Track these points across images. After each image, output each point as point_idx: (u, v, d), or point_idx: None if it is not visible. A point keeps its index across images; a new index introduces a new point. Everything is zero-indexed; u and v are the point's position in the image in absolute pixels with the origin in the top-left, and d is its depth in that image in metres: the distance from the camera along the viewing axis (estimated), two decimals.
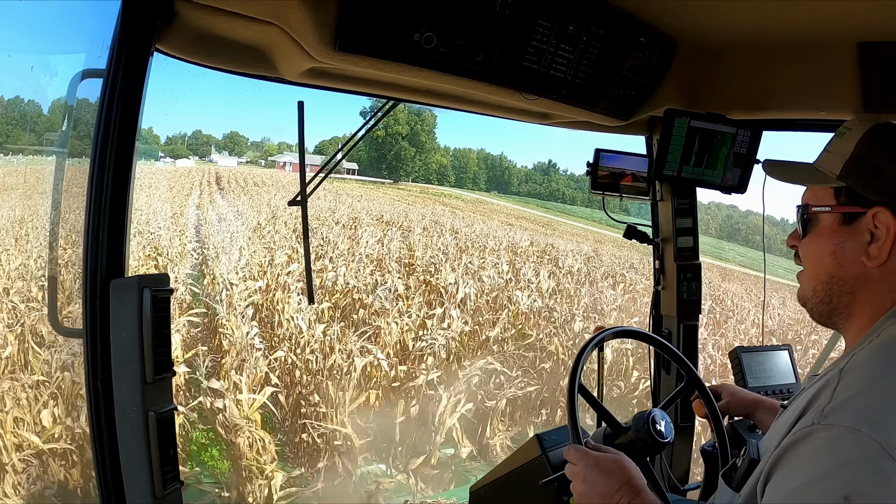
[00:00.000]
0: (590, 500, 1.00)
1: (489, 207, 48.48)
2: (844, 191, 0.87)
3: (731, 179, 1.89)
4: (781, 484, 0.73)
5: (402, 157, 62.54)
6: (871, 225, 0.83)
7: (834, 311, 0.90)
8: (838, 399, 0.73)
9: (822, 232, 0.90)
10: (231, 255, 11.39)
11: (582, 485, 1.02)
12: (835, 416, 0.71)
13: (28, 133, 15.90)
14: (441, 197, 51.41)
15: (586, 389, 1.29)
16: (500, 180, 73.78)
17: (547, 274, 13.29)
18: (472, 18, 1.21)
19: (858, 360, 0.79)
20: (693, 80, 1.76)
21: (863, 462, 0.66)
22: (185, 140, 65.76)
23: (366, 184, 55.12)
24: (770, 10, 1.37)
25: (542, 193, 69.65)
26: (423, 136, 63.52)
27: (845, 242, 0.86)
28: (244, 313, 7.61)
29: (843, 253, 0.87)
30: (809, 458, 0.71)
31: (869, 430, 0.67)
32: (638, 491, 0.97)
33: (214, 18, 1.10)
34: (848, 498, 0.64)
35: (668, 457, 2.09)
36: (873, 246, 0.83)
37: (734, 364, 1.83)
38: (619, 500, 0.97)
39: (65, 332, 1.18)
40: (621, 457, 1.04)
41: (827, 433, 0.70)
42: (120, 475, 1.04)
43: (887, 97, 1.51)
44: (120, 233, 1.04)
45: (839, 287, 0.88)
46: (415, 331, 7.93)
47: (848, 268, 0.86)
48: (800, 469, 0.71)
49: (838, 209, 0.87)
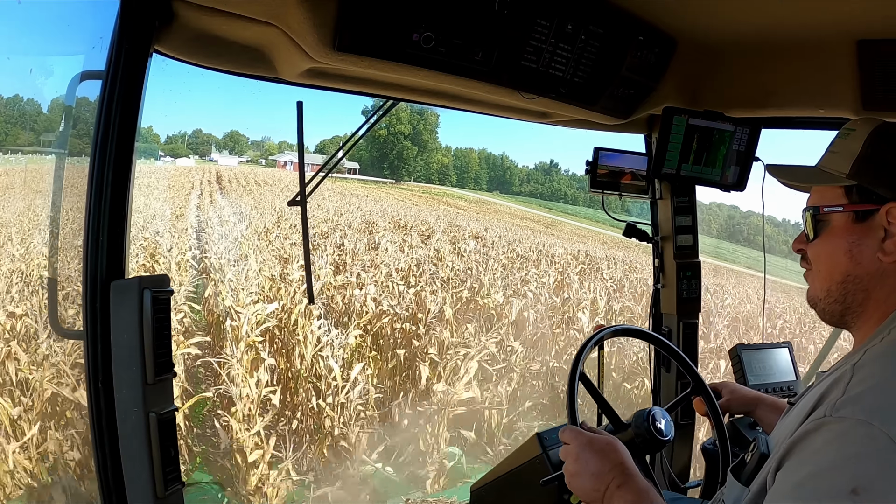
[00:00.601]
0: (581, 480, 1.00)
1: (493, 208, 47.81)
2: (856, 189, 0.87)
3: (730, 177, 1.90)
4: (791, 473, 0.74)
5: (405, 157, 62.34)
6: (885, 221, 0.84)
7: (848, 309, 0.90)
8: (851, 393, 0.73)
9: (835, 232, 0.89)
10: (237, 268, 9.07)
11: (574, 464, 1.02)
12: (847, 409, 0.71)
13: (28, 132, 15.84)
14: (444, 197, 50.83)
15: (590, 382, 1.30)
16: (502, 180, 73.75)
17: (602, 290, 11.11)
18: (471, 18, 1.21)
19: (872, 355, 0.80)
20: (692, 79, 1.76)
21: (873, 455, 0.66)
22: (185, 139, 65.73)
23: (367, 183, 54.68)
24: (769, 9, 1.37)
25: (544, 193, 69.60)
26: (425, 135, 63.32)
27: (861, 240, 0.86)
28: (254, 346, 5.83)
29: (860, 251, 0.86)
30: (820, 449, 0.71)
31: (881, 425, 0.67)
32: (629, 474, 0.98)
33: (213, 19, 1.10)
34: (856, 490, 0.65)
35: (669, 455, 2.10)
36: (889, 242, 0.84)
37: (734, 362, 1.84)
38: (610, 480, 0.97)
39: (65, 334, 1.18)
40: (614, 440, 1.05)
41: (838, 425, 0.70)
42: (121, 476, 1.04)
43: (887, 94, 1.51)
44: (120, 234, 1.04)
45: (854, 285, 0.88)
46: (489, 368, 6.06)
47: (865, 265, 0.86)
48: (809, 459, 0.72)
49: (851, 207, 0.88)
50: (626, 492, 0.95)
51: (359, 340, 6.69)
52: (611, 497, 0.96)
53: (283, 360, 6.38)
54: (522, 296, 9.52)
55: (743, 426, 1.56)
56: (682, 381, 2.06)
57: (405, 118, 60.67)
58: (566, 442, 1.06)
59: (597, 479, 0.98)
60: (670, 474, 1.88)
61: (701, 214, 2.13)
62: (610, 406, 1.29)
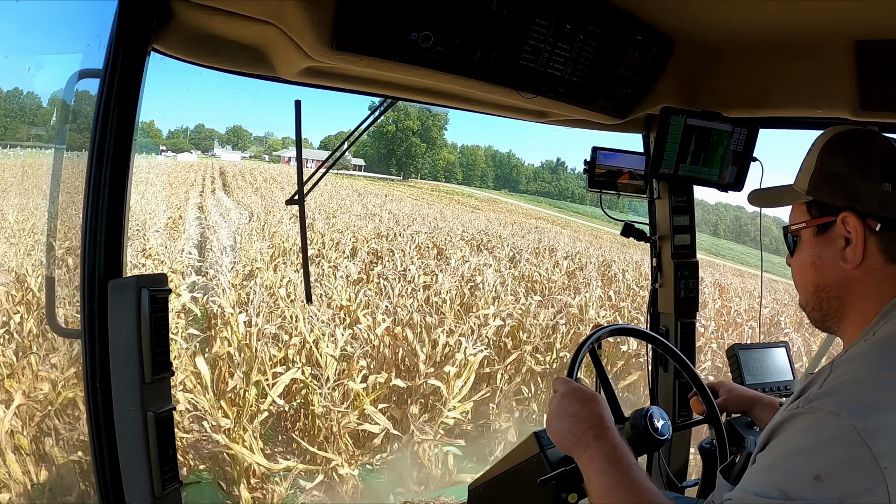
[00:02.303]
0: (560, 420, 1.01)
1: (504, 207, 46.65)
2: (814, 204, 0.93)
3: (728, 177, 1.90)
4: (764, 455, 0.78)
5: (414, 153, 61.36)
6: (844, 230, 0.88)
7: (826, 316, 0.94)
8: (826, 387, 0.77)
9: (803, 247, 0.95)
10: (250, 307, 6.78)
11: (557, 404, 1.03)
12: (819, 401, 0.74)
13: (26, 127, 15.75)
14: (455, 195, 49.70)
15: (601, 366, 1.31)
16: (509, 178, 73.09)
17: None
18: (469, 17, 1.21)
19: (852, 354, 0.83)
20: (690, 79, 1.76)
21: (838, 446, 0.69)
22: (186, 134, 65.39)
23: (376, 181, 53.42)
24: (768, 9, 1.38)
25: (551, 192, 69.07)
26: (434, 131, 62.46)
27: (822, 252, 0.92)
28: (274, 410, 4.89)
29: (822, 262, 0.92)
30: (791, 436, 0.75)
31: (849, 417, 0.70)
32: (608, 426, 0.99)
33: (211, 18, 1.10)
34: (819, 477, 0.68)
35: (666, 454, 2.10)
36: (848, 249, 0.88)
37: (731, 361, 1.84)
38: (588, 427, 0.98)
39: (63, 333, 1.18)
40: (600, 396, 1.06)
41: (810, 416, 0.74)
42: (119, 475, 1.04)
43: (884, 95, 1.51)
44: (118, 233, 1.04)
45: (825, 294, 0.93)
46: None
47: (829, 275, 0.91)
48: (782, 442, 0.76)
49: (812, 222, 0.93)
50: (603, 444, 0.95)
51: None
52: (587, 445, 0.96)
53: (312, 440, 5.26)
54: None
55: (740, 426, 1.56)
56: (679, 381, 2.07)
57: (414, 114, 59.75)
58: (556, 389, 1.08)
59: (576, 422, 0.99)
60: (668, 473, 1.88)
61: (707, 215, 2.13)
62: (615, 397, 1.29)
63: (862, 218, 0.87)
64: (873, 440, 0.68)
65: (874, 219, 0.86)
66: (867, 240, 0.87)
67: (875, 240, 0.87)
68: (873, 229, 0.86)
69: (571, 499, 1.19)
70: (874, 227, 0.86)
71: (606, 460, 0.93)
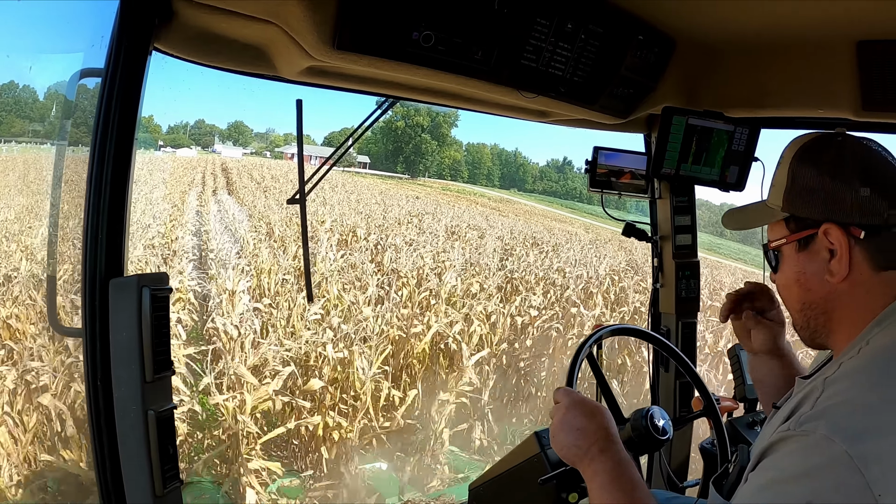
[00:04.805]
0: (565, 434, 0.99)
1: (521, 208, 45.33)
2: (792, 219, 0.89)
3: (730, 177, 1.90)
4: (756, 476, 0.75)
5: (423, 151, 59.21)
6: (827, 243, 0.84)
7: (815, 333, 0.91)
8: (818, 408, 0.74)
9: (786, 263, 0.91)
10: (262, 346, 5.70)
11: (561, 417, 1.01)
12: (811, 423, 0.72)
13: (26, 124, 15.68)
14: (466, 195, 48.28)
15: (599, 368, 1.30)
16: (515, 177, 71.80)
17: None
18: (471, 17, 1.21)
19: (844, 371, 0.80)
20: (691, 79, 1.76)
21: (830, 472, 0.67)
22: (187, 129, 64.86)
23: (385, 179, 51.88)
24: (769, 9, 1.37)
25: (558, 192, 67.78)
26: (444, 128, 60.38)
27: (806, 267, 0.88)
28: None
29: (807, 278, 0.88)
30: (783, 459, 0.73)
31: (842, 442, 0.67)
32: (613, 440, 0.97)
33: (213, 17, 1.10)
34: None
35: (667, 454, 2.10)
36: (833, 262, 0.84)
37: (733, 361, 1.84)
38: (594, 440, 0.96)
39: (64, 332, 1.18)
40: (605, 408, 1.05)
41: (803, 439, 0.71)
42: (120, 474, 1.04)
43: (886, 95, 1.51)
44: (119, 232, 1.04)
45: (812, 311, 0.89)
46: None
47: (816, 290, 0.88)
48: (773, 466, 0.74)
49: (792, 238, 0.89)
50: (608, 458, 0.94)
51: None
52: (592, 459, 0.95)
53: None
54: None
55: (741, 426, 1.56)
56: (680, 381, 2.07)
57: (424, 110, 57.02)
58: (557, 400, 1.06)
59: (581, 435, 0.98)
60: (668, 473, 1.88)
61: (712, 215, 2.12)
62: (613, 397, 1.29)
63: (844, 228, 0.83)
64: (867, 467, 0.65)
65: (857, 227, 0.82)
66: (852, 250, 0.83)
67: (860, 249, 0.83)
68: (857, 238, 0.83)
69: (572, 498, 1.19)
70: (858, 236, 0.82)
71: (609, 476, 0.92)
